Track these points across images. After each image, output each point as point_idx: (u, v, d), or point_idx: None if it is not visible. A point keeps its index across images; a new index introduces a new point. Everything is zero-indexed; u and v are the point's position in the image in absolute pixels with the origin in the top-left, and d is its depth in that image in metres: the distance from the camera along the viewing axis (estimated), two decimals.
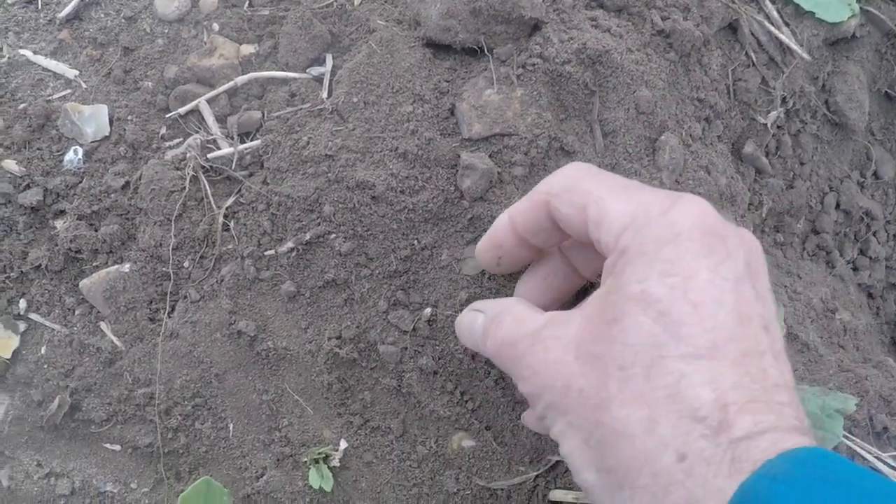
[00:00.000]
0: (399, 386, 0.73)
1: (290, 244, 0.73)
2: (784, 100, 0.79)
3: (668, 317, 0.41)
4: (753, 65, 0.79)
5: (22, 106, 0.80)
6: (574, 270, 0.61)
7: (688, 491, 0.38)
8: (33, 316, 0.78)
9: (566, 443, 0.44)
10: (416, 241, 0.73)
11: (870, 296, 0.90)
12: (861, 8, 0.83)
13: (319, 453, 0.73)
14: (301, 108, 0.75)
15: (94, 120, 0.79)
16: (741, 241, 0.47)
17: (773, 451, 0.38)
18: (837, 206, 0.84)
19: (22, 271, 0.78)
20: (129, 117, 0.79)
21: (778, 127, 0.80)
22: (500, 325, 0.53)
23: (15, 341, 0.77)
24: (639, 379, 0.40)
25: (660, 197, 0.48)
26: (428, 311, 0.72)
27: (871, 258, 0.89)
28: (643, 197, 0.48)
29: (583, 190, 0.51)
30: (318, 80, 0.77)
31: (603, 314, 0.43)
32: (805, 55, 0.79)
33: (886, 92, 0.86)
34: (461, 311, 0.72)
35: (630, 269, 0.43)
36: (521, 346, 0.49)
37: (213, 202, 0.75)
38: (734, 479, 0.37)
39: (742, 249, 0.46)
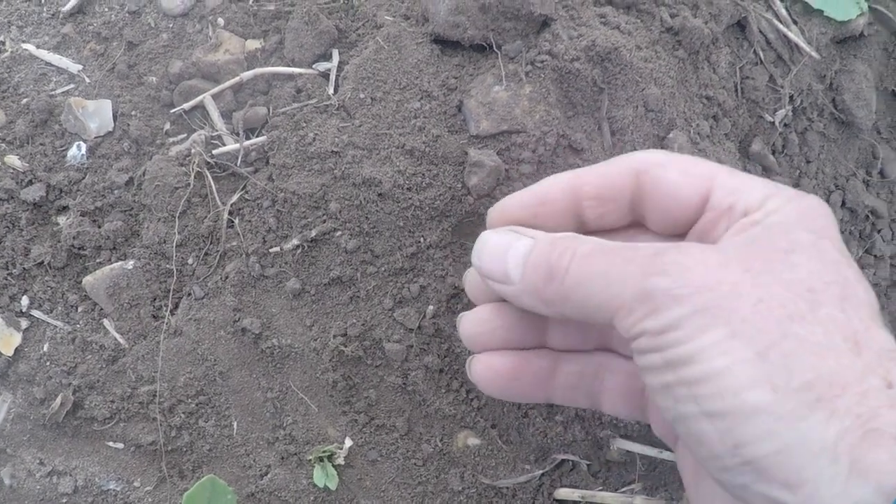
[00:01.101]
0: (404, 384, 0.73)
1: (295, 241, 0.73)
2: (791, 98, 0.79)
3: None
4: (761, 63, 0.79)
5: (25, 101, 0.79)
6: None
7: None
8: (36, 313, 0.77)
9: (724, 356, 0.35)
10: (422, 239, 0.72)
11: None
12: (869, 6, 0.82)
13: (324, 451, 0.73)
14: (307, 104, 0.75)
15: (97, 115, 0.78)
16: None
17: None
18: (843, 204, 0.84)
19: (24, 268, 0.77)
20: (133, 112, 0.79)
21: (785, 125, 0.80)
22: (581, 241, 0.43)
23: (17, 339, 0.76)
24: (833, 307, 0.36)
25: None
26: (431, 308, 0.72)
27: (875, 256, 0.88)
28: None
29: (702, 162, 0.47)
30: (325, 75, 0.76)
31: (773, 243, 0.38)
32: (814, 53, 0.79)
33: (893, 90, 0.86)
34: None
35: (796, 217, 0.40)
36: (656, 253, 0.40)
37: (217, 199, 0.74)
38: None
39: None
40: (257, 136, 0.75)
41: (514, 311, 0.49)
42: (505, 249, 0.45)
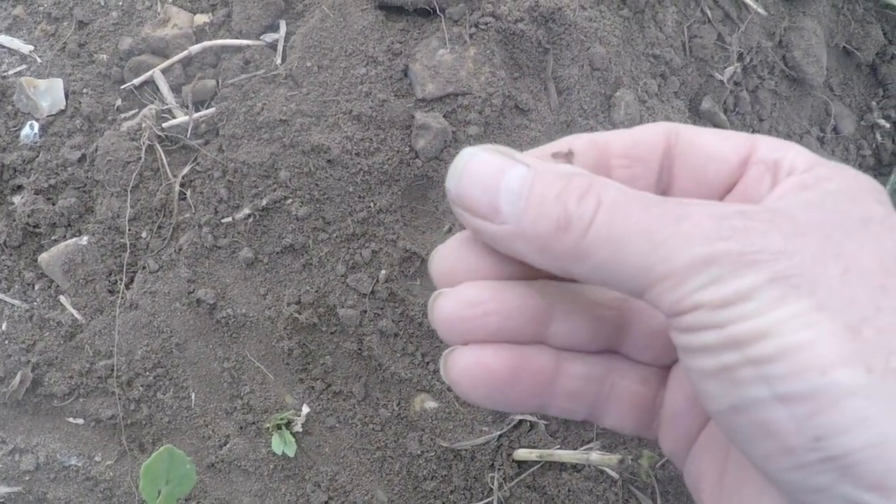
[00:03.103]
0: (360, 349, 0.73)
1: (246, 210, 0.73)
2: (740, 56, 0.79)
3: None
4: (709, 21, 0.79)
5: None
6: None
7: None
8: None
9: (808, 329, 0.30)
10: (372, 204, 0.72)
11: None
12: None
13: (282, 419, 0.73)
14: (255, 75, 0.75)
15: (49, 94, 0.78)
16: None
17: None
18: None
19: None
20: (85, 90, 0.79)
21: (735, 83, 0.80)
22: (605, 185, 0.34)
23: None
24: None
25: None
26: (384, 272, 0.72)
27: None
28: None
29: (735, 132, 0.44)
30: (272, 46, 0.77)
31: (844, 211, 0.34)
32: (761, 10, 0.80)
33: (844, 47, 0.86)
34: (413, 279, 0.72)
35: (857, 187, 0.35)
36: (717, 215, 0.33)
37: (169, 171, 0.75)
38: None
39: None
40: (206, 109, 0.76)
41: (515, 291, 0.38)
42: (496, 173, 0.33)
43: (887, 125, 0.86)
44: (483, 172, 0.34)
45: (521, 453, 0.73)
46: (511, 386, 0.39)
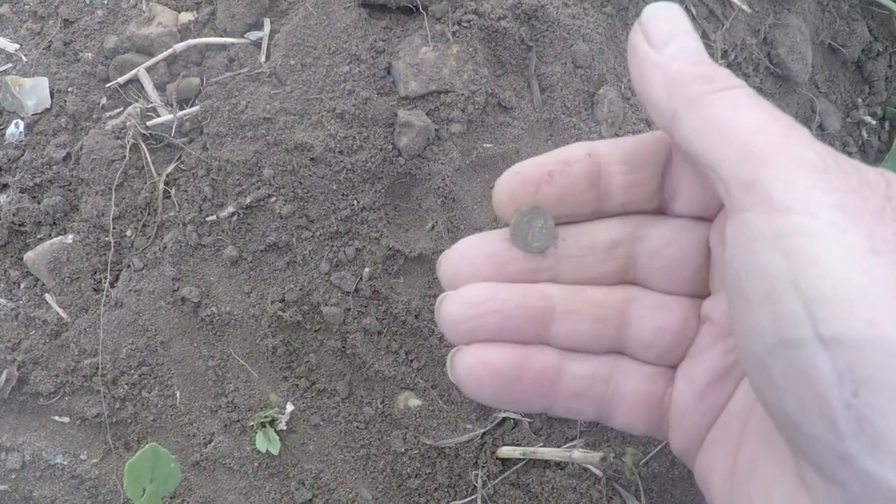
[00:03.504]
0: (343, 347, 0.73)
1: (230, 209, 0.73)
2: (725, 53, 0.79)
3: None
4: (693, 18, 0.79)
5: None
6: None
7: None
8: None
9: (861, 274, 0.29)
10: (355, 202, 0.72)
11: None
12: None
13: (266, 417, 0.73)
14: (239, 73, 0.75)
15: (34, 93, 0.78)
16: None
17: None
18: None
19: None
20: (70, 89, 0.79)
21: None
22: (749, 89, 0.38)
23: None
24: None
25: None
26: (367, 270, 0.72)
27: None
28: None
29: None
30: (257, 44, 0.77)
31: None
32: (745, 7, 0.80)
33: (830, 44, 0.86)
34: (399, 273, 0.72)
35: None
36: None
37: (153, 170, 0.75)
38: None
39: None
40: (191, 107, 0.76)
41: (516, 292, 0.40)
42: (684, 27, 0.37)
43: (873, 122, 0.86)
44: (676, 20, 0.37)
45: (505, 451, 0.73)
46: (515, 384, 0.40)
